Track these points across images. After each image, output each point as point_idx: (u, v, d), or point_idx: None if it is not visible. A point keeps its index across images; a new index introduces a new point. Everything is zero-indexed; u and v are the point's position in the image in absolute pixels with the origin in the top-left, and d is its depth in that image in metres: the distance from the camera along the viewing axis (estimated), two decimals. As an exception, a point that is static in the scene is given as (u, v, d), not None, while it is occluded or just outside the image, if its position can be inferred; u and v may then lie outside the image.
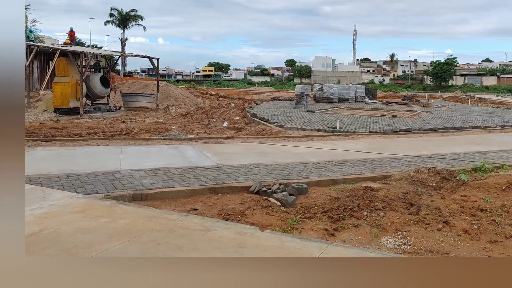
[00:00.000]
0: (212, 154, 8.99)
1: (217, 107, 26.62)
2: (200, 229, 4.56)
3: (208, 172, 7.23)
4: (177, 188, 6.21)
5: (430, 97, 44.62)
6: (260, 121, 16.54)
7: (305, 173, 7.45)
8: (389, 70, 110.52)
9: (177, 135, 12.04)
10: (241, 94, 45.27)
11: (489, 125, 16.46)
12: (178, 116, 20.71)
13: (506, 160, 9.18)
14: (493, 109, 27.30)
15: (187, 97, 30.96)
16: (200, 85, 75.59)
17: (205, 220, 4.92)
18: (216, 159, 8.38)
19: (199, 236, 4.36)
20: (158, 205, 5.71)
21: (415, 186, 6.65)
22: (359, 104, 28.35)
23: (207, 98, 35.96)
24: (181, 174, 7.06)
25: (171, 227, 4.59)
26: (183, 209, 5.59)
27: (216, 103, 30.21)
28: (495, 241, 4.71)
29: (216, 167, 7.66)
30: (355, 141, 11.77)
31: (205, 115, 21.73)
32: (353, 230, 5.01)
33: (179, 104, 27.08)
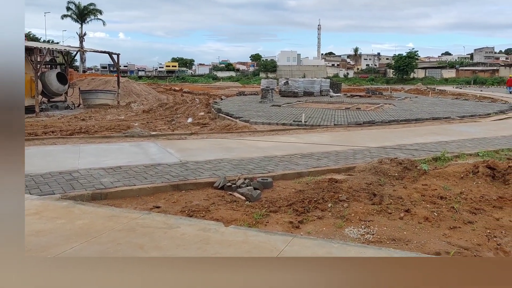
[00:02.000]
0: (175, 150, 8.86)
1: (181, 103, 26.30)
2: (163, 227, 4.49)
3: (171, 169, 7.13)
4: (138, 186, 6.08)
5: (392, 89, 45.92)
6: (225, 116, 16.48)
7: (270, 167, 7.48)
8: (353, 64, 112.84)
9: (139, 132, 11.80)
10: (206, 89, 44.90)
11: (448, 116, 17.11)
12: (140, 112, 20.31)
13: (465, 149, 9.57)
14: (453, 100, 28.41)
15: (149, 93, 30.40)
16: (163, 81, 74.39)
17: (167, 218, 4.84)
18: (180, 156, 8.27)
19: (161, 234, 4.28)
20: (118, 204, 5.57)
21: (378, 177, 6.81)
22: (324, 98, 28.78)
23: (171, 94, 35.45)
24: (143, 171, 6.92)
25: (132, 226, 4.49)
26: (145, 207, 5.48)
27: (180, 99, 29.83)
28: (454, 227, 4.90)
29: (179, 164, 7.56)
30: (320, 134, 11.93)
31: (169, 111, 21.41)
32: (318, 221, 5.07)
33: (141, 100, 26.54)
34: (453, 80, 76.18)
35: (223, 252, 3.89)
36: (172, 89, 42.72)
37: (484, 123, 15.58)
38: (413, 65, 79.22)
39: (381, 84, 71.44)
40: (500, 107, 21.58)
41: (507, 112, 19.65)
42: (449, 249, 4.32)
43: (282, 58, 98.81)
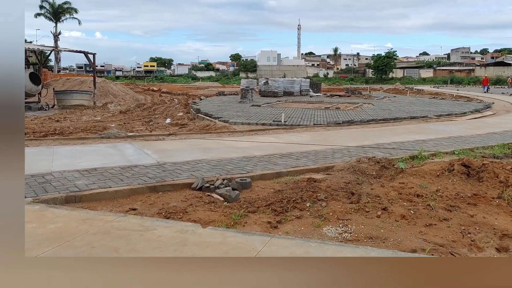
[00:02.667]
0: (153, 151, 8.77)
1: (160, 103, 26.05)
2: (139, 229, 4.44)
3: (148, 170, 7.05)
4: (114, 188, 5.99)
5: (371, 89, 46.56)
6: (204, 116, 16.41)
7: (249, 167, 7.48)
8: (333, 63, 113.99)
9: (115, 133, 11.63)
10: (185, 89, 44.58)
11: (426, 115, 17.45)
12: (117, 113, 20.02)
13: (441, 148, 9.78)
14: (430, 100, 29.00)
15: (127, 93, 30.00)
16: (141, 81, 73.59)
17: (144, 220, 4.79)
18: (157, 157, 8.19)
19: (137, 237, 4.23)
20: (93, 206, 5.48)
21: (356, 176, 6.90)
22: (304, 98, 28.97)
23: (149, 94, 35.08)
24: (119, 173, 6.82)
25: (107, 229, 4.42)
26: (121, 209, 5.41)
27: (158, 99, 29.55)
28: (429, 225, 5.00)
29: (157, 165, 7.48)
30: (299, 134, 12.00)
31: (147, 111, 21.18)
32: (296, 221, 5.10)
33: (118, 101, 26.18)
34: (431, 80, 77.75)
35: (201, 254, 3.88)
36: (151, 89, 42.28)
37: (460, 122, 15.95)
38: (392, 65, 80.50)
39: (360, 83, 72.38)
40: (476, 106, 22.14)
41: (482, 111, 20.18)
42: (425, 246, 4.40)
43: (262, 58, 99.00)
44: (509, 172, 6.34)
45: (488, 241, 4.62)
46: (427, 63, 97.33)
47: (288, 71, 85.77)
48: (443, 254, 4.27)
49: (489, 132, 12.62)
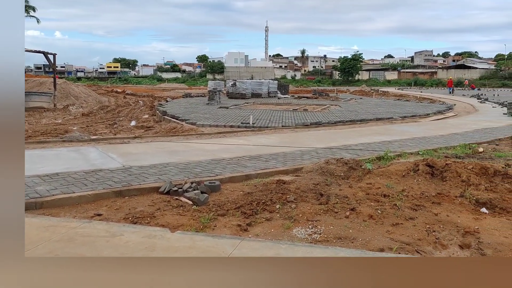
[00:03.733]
0: (118, 155, 8.61)
1: (124, 106, 25.57)
2: (105, 235, 4.35)
3: (114, 175, 6.91)
4: (78, 194, 5.84)
5: (338, 91, 47.48)
6: (171, 119, 16.24)
7: (218, 170, 7.47)
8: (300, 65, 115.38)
9: (78, 136, 11.33)
10: (150, 91, 43.94)
11: (391, 116, 17.98)
12: (79, 116, 19.50)
13: (406, 148, 10.11)
14: (395, 101, 29.88)
15: (89, 95, 29.27)
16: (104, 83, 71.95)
17: (110, 226, 4.70)
18: (123, 160, 8.04)
19: (103, 243, 4.15)
20: (56, 213, 5.32)
21: (325, 177, 7.02)
22: (272, 99, 29.19)
23: (113, 96, 34.34)
24: (82, 178, 6.65)
25: (71, 236, 4.31)
26: (86, 215, 5.28)
27: (122, 101, 28.98)
28: (396, 224, 5.16)
29: (122, 169, 7.35)
30: (268, 136, 12.09)
31: (111, 114, 20.74)
32: (266, 223, 5.14)
33: (80, 103, 25.49)
34: (395, 82, 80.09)
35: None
36: (114, 91, 41.39)
37: (424, 123, 16.53)
38: (358, 67, 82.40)
39: (327, 85, 73.63)
40: (438, 108, 23.00)
41: (445, 112, 20.99)
42: (392, 245, 4.54)
43: (230, 59, 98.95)
44: (470, 171, 6.63)
45: (452, 239, 4.82)
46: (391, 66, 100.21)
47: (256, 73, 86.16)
48: (410, 252, 4.42)
49: (451, 133, 13.15)
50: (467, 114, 21.16)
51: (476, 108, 24.59)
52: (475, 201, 5.94)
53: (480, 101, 29.83)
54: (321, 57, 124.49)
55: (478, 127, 14.95)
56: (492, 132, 13.68)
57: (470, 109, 24.23)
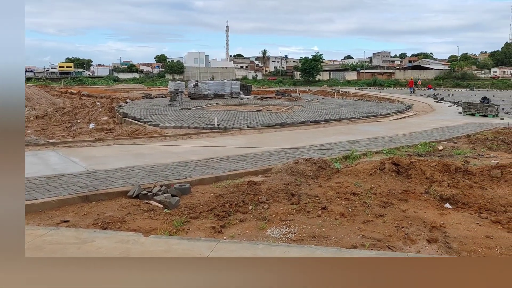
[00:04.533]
0: (80, 159, 8.38)
1: (81, 107, 24.83)
2: (75, 242, 4.25)
3: (78, 179, 6.74)
4: (41, 200, 5.66)
5: (300, 91, 48.18)
6: (133, 120, 15.94)
7: (187, 172, 7.44)
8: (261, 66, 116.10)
9: (34, 140, 10.92)
10: (107, 92, 42.82)
11: (354, 116, 18.49)
12: (33, 118, 18.75)
13: (370, 147, 10.45)
14: (356, 101, 30.70)
15: (42, 96, 28.19)
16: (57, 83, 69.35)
17: (79, 232, 4.59)
18: (86, 164, 7.84)
19: (74, 250, 4.06)
20: (19, 221, 5.12)
21: (295, 177, 7.16)
22: (235, 100, 29.23)
23: (68, 98, 33.21)
24: (44, 183, 6.44)
25: (38, 244, 4.18)
26: (51, 222, 5.13)
27: (79, 103, 28.11)
28: (367, 221, 5.36)
29: (87, 173, 7.17)
30: (234, 137, 12.14)
31: (67, 116, 20.10)
32: (240, 225, 5.20)
33: (33, 105, 24.50)
34: (355, 82, 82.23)
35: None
36: (69, 92, 40.02)
37: (385, 123, 17.12)
38: (319, 68, 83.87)
39: (289, 86, 74.49)
40: (398, 108, 23.86)
41: (404, 112, 21.82)
42: (364, 242, 4.71)
43: (190, 59, 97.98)
44: (434, 169, 6.97)
45: (420, 234, 5.06)
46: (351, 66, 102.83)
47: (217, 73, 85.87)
48: (381, 248, 4.60)
49: (412, 132, 13.71)
50: (425, 113, 22.09)
51: (433, 107, 25.71)
52: (439, 197, 6.26)
53: (437, 101, 31.20)
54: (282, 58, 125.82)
55: (436, 126, 15.66)
56: (450, 130, 14.38)
57: (428, 108, 25.30)
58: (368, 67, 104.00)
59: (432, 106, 26.39)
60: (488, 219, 5.47)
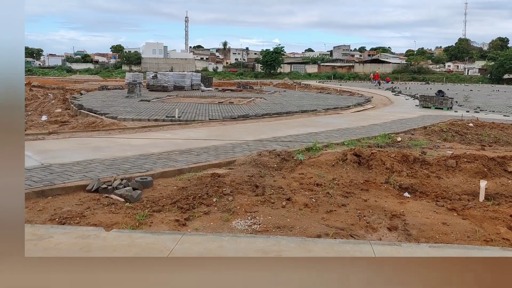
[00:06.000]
0: (33, 152, 8.06)
1: (31, 99, 23.78)
2: (31, 239, 4.11)
3: (32, 174, 6.49)
4: (-8, 195, 5.41)
5: (262, 84, 48.36)
6: (89, 113, 15.48)
7: (148, 165, 7.34)
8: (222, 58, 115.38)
9: (-18, 133, 10.38)
10: (60, 83, 41.31)
11: (315, 108, 18.79)
12: (-21, 110, 17.80)
13: (332, 139, 10.68)
14: (317, 94, 31.21)
15: (-11, 87, 26.78)
16: (5, 74, 65.98)
17: (35, 228, 4.44)
18: (40, 158, 7.56)
19: (31, 247, 3.93)
20: (-32, 218, 4.89)
21: (259, 169, 7.22)
22: (195, 92, 28.95)
23: (17, 89, 31.71)
24: (-5, 178, 6.15)
25: (-8, 241, 4.01)
26: (4, 219, 4.92)
27: (29, 94, 26.91)
28: (330, 211, 5.50)
29: (41, 167, 6.92)
30: (196, 129, 12.05)
31: (17, 108, 19.19)
32: (205, 217, 5.20)
33: (-21, 96, 23.25)
34: (316, 75, 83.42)
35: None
36: (18, 83, 38.21)
37: (345, 115, 17.52)
38: (280, 60, 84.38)
39: (250, 78, 74.55)
40: (358, 100, 24.46)
41: (364, 105, 22.41)
42: (328, 231, 4.84)
43: (147, 50, 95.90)
44: (393, 159, 7.23)
45: (381, 222, 5.26)
46: (312, 59, 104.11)
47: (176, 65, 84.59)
48: (345, 237, 4.75)
49: (372, 124, 14.11)
50: (384, 106, 22.78)
51: (391, 100, 26.55)
52: (399, 187, 6.52)
53: (395, 94, 32.23)
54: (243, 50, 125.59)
55: (394, 118, 16.20)
56: (407, 122, 14.92)
57: (386, 101, 26.09)
58: (329, 60, 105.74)
59: (390, 99, 27.24)
60: (444, 206, 5.76)
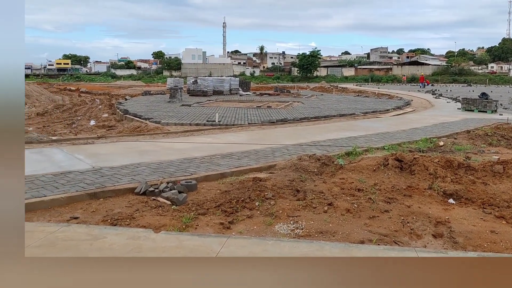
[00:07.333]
0: (85, 156, 8.41)
1: (80, 104, 24.81)
2: (87, 239, 4.30)
3: (85, 176, 6.77)
4: (50, 197, 5.70)
5: (299, 87, 48.18)
6: (133, 117, 15.96)
7: (192, 168, 7.49)
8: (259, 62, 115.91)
9: (36, 137, 10.93)
10: (105, 88, 42.78)
11: (353, 112, 18.54)
12: (33, 115, 18.75)
13: (372, 144, 10.51)
14: (355, 97, 30.75)
15: (42, 93, 28.13)
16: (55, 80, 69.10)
17: (90, 228, 4.64)
18: (91, 161, 7.87)
19: (87, 247, 4.11)
20: (28, 218, 5.16)
21: (299, 173, 7.21)
22: (234, 96, 29.24)
23: (66, 95, 33.19)
24: (52, 181, 6.47)
25: (52, 241, 4.22)
26: (61, 219, 5.17)
27: (78, 100, 28.10)
28: (373, 217, 5.42)
29: (93, 170, 7.21)
30: (236, 133, 12.18)
31: (67, 113, 20.10)
32: (248, 221, 5.25)
33: (32, 102, 24.47)
34: (353, 78, 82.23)
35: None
36: (67, 89, 39.97)
37: (385, 118, 17.18)
38: (316, 64, 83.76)
39: (286, 82, 74.43)
40: (397, 103, 23.92)
41: (403, 108, 21.89)
42: (371, 237, 4.78)
43: (187, 55, 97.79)
44: (437, 164, 7.03)
45: (425, 229, 5.13)
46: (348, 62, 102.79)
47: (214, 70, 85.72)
48: (388, 243, 4.67)
49: (412, 128, 13.78)
50: (424, 109, 22.17)
51: (432, 103, 25.79)
52: (443, 193, 6.33)
53: (435, 97, 31.29)
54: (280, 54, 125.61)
55: (436, 121, 15.73)
56: (450, 126, 14.46)
57: (427, 104, 25.37)
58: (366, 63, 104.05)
59: (431, 102, 26.48)
60: (492, 214, 5.55)
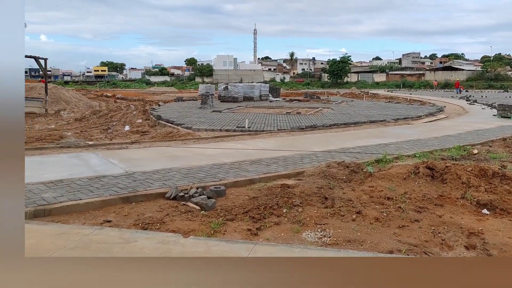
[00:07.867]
0: (119, 160, 8.62)
1: (116, 110, 25.47)
2: (119, 242, 4.40)
3: (118, 181, 6.94)
4: (85, 200, 5.87)
5: (329, 93, 47.80)
6: (166, 123, 16.25)
7: (221, 174, 7.54)
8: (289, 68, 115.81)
9: (74, 142, 11.30)
10: (140, 95, 43.81)
11: (384, 119, 18.22)
12: (72, 121, 19.39)
13: (403, 151, 10.28)
14: (386, 103, 30.22)
15: (80, 100, 29.08)
16: (93, 87, 71.35)
17: (122, 232, 4.75)
18: (125, 166, 8.06)
19: (119, 250, 4.20)
20: (65, 220, 5.34)
21: (328, 180, 7.14)
22: (264, 103, 29.32)
23: (103, 101, 34.18)
24: (87, 184, 6.67)
25: (86, 243, 4.35)
26: (95, 222, 5.32)
27: (114, 106, 28.87)
28: (402, 226, 5.29)
29: (125, 175, 7.38)
30: (265, 140, 12.19)
31: (103, 119, 20.66)
32: (275, 227, 5.23)
33: (71, 108, 25.32)
34: (384, 84, 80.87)
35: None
36: (104, 95, 41.17)
37: (416, 125, 16.78)
38: (347, 70, 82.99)
39: (316, 88, 74.03)
40: (429, 110, 23.33)
41: (436, 114, 21.32)
42: (400, 247, 4.66)
43: (218, 62, 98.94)
44: (470, 173, 6.81)
45: (457, 240, 4.97)
46: (380, 68, 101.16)
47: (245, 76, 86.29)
48: (418, 254, 4.54)
49: (445, 135, 13.39)
50: (458, 116, 21.52)
51: (466, 109, 25.02)
52: (476, 203, 6.11)
53: (469, 103, 30.33)
54: (310, 60, 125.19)
55: (470, 128, 15.24)
56: (484, 133, 13.97)
57: (460, 111, 24.64)
58: (397, 68, 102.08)
59: (465, 108, 25.69)
60: (528, 226, 5.31)
